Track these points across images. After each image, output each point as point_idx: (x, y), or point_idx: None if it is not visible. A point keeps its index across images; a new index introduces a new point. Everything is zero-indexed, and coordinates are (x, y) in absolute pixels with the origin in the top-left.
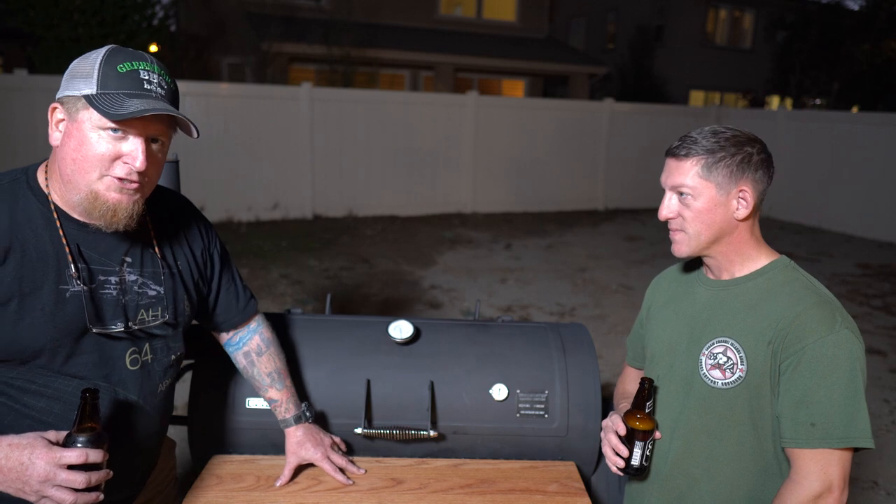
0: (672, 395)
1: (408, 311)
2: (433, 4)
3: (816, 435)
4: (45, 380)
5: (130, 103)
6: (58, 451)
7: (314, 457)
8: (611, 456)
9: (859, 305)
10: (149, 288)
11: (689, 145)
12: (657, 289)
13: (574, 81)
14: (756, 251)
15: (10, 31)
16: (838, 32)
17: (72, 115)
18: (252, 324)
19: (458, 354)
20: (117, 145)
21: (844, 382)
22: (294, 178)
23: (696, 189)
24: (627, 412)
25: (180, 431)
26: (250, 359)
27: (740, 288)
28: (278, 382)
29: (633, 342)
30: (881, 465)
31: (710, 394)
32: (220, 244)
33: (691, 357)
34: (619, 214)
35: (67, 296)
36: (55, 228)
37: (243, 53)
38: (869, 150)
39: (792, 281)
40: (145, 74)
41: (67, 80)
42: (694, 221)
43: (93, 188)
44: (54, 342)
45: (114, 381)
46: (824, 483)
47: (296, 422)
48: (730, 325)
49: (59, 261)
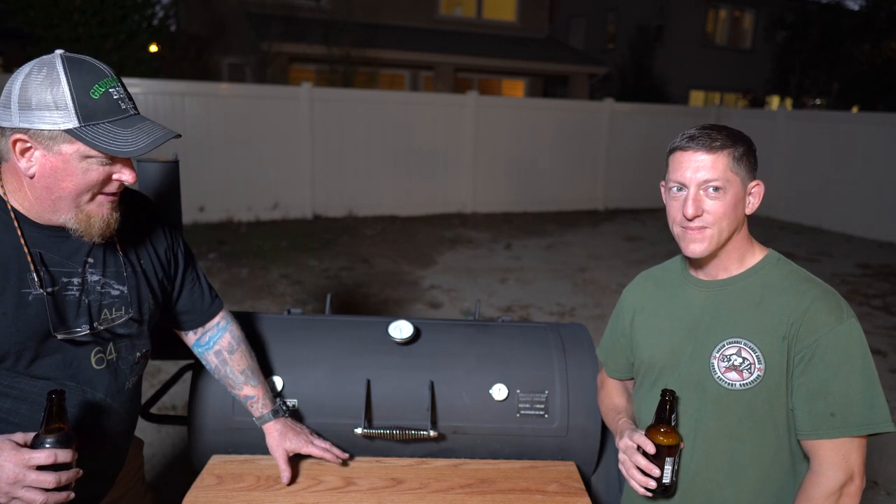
0: (685, 402)
1: (408, 311)
2: (433, 4)
3: (836, 424)
4: (10, 381)
5: (126, 136)
6: (26, 453)
7: (298, 445)
8: (638, 478)
9: (859, 305)
10: (111, 287)
11: (715, 136)
12: (639, 295)
13: (574, 81)
14: (750, 247)
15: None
16: (838, 32)
17: (50, 147)
18: (221, 322)
19: (458, 354)
20: (107, 168)
21: (860, 370)
22: (294, 178)
23: (729, 182)
24: (650, 428)
25: (180, 431)
26: (222, 357)
27: (739, 286)
28: (253, 379)
29: (611, 353)
30: (881, 465)
31: (727, 396)
32: (183, 243)
33: (699, 362)
34: (619, 214)
35: (30, 299)
36: (14, 232)
37: (243, 53)
38: (869, 149)
39: (789, 274)
40: (115, 93)
41: (25, 111)
42: (723, 217)
43: (85, 210)
44: (19, 346)
45: (81, 381)
46: (847, 472)
47: (273, 416)
48: (738, 324)
49: (20, 265)
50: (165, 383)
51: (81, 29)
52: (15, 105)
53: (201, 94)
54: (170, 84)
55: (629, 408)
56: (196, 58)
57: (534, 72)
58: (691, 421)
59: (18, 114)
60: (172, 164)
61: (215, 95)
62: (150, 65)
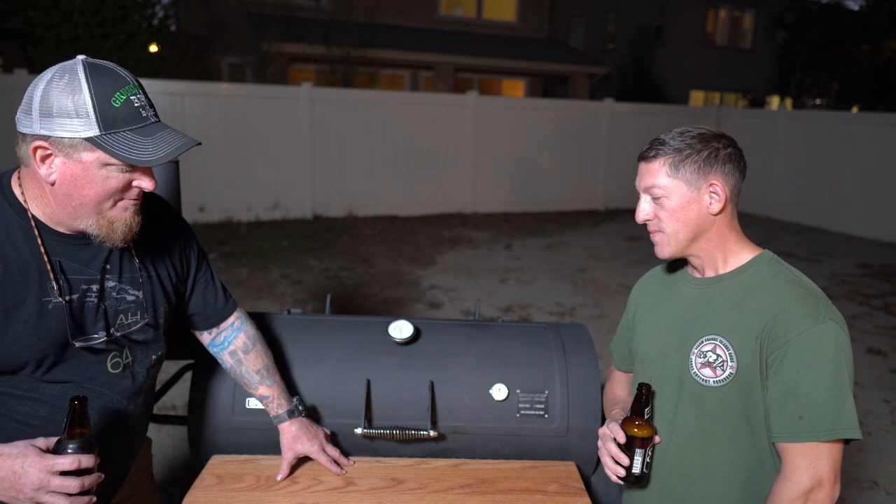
0: (667, 396)
1: (408, 311)
2: (433, 4)
3: (804, 428)
4: (29, 385)
5: (146, 144)
6: (50, 459)
7: (310, 450)
8: (610, 465)
9: (859, 305)
10: (127, 293)
11: (656, 147)
12: (642, 291)
13: (574, 81)
14: (738, 246)
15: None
16: (838, 32)
17: (70, 155)
18: (235, 322)
19: (458, 354)
20: (127, 175)
21: (830, 374)
22: (294, 178)
23: (667, 188)
24: (626, 419)
25: (180, 431)
26: (237, 357)
27: (725, 284)
28: (268, 378)
29: (618, 345)
30: (881, 465)
31: (702, 393)
32: (196, 244)
33: (682, 357)
34: (619, 214)
35: (50, 307)
36: (35, 240)
37: (243, 53)
38: (869, 150)
39: (776, 275)
40: (136, 100)
41: (46, 118)
42: (669, 220)
43: (108, 216)
44: (40, 353)
45: (97, 384)
46: (814, 477)
47: (289, 416)
48: (717, 322)
49: (41, 273)
50: (165, 383)
51: (81, 29)
52: (36, 112)
53: (201, 94)
54: (170, 84)
55: (629, 399)
56: (196, 58)
57: (534, 72)
58: (669, 415)
59: (39, 121)
60: (172, 165)
61: (215, 95)
62: (150, 65)
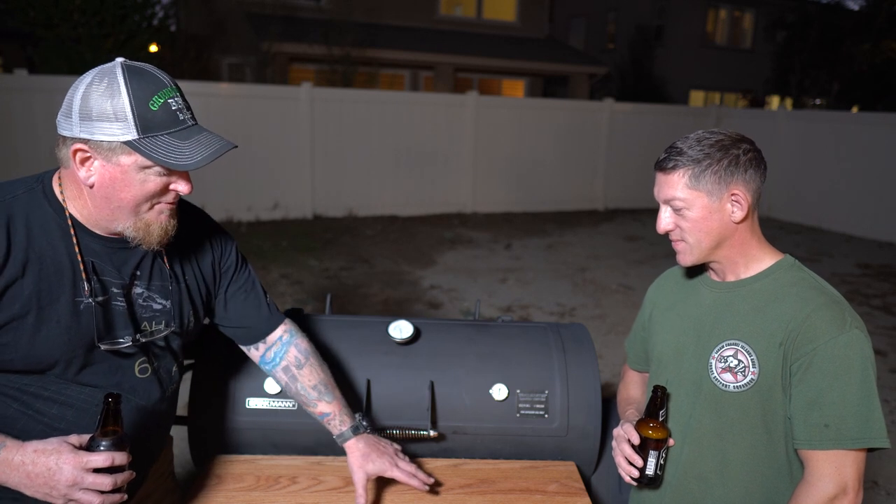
0: (682, 399)
1: (408, 311)
2: (433, 4)
3: (830, 436)
4: (57, 387)
5: (183, 148)
6: (84, 456)
7: (382, 468)
8: (624, 466)
9: (859, 305)
10: (154, 301)
11: (674, 157)
12: (659, 291)
13: (574, 81)
14: (760, 251)
15: (10, 31)
16: (838, 32)
17: (109, 158)
18: (284, 335)
19: (458, 354)
20: (164, 179)
21: (857, 383)
22: (294, 178)
23: (688, 200)
24: (640, 421)
25: (180, 431)
26: (291, 373)
27: (747, 289)
28: (327, 394)
29: (633, 345)
30: (881, 465)
31: (721, 397)
32: (235, 253)
33: (700, 360)
34: (619, 214)
35: (82, 308)
36: (70, 240)
37: (243, 53)
38: (869, 150)
39: (799, 281)
40: (174, 104)
41: (86, 121)
42: (692, 231)
43: (144, 219)
44: (69, 353)
45: (125, 389)
46: (839, 485)
47: (354, 433)
48: (738, 327)
49: (75, 273)
50: None
51: (81, 29)
52: (76, 115)
53: (201, 94)
54: None
55: (643, 400)
56: (196, 58)
57: (534, 72)
58: (684, 418)
59: (79, 124)
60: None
61: (215, 95)
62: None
